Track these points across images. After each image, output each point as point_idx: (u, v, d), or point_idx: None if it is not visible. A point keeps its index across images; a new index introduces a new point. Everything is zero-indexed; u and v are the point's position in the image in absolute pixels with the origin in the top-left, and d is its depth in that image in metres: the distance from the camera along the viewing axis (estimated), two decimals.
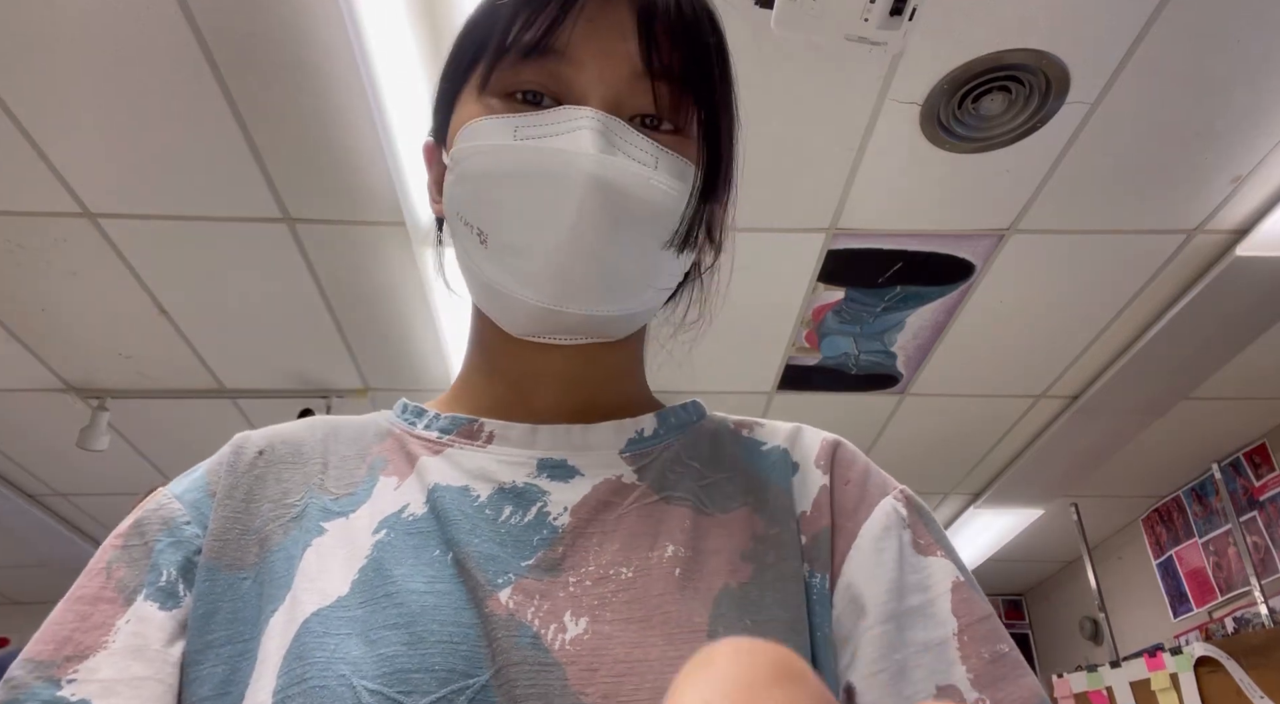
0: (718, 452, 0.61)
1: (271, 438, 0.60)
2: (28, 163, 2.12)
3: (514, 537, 0.52)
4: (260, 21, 1.80)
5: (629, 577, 0.50)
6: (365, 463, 0.58)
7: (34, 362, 2.90)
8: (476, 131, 0.55)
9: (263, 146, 2.12)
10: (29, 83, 1.92)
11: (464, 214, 0.55)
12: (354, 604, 0.48)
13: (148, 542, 0.53)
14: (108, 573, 0.52)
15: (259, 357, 2.98)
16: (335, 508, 0.55)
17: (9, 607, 5.15)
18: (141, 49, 1.85)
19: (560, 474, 0.56)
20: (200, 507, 0.55)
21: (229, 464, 0.57)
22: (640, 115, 0.55)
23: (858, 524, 0.56)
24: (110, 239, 2.40)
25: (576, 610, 0.48)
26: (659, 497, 0.56)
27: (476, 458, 0.57)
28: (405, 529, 0.52)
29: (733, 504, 0.57)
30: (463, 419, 0.59)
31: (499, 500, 0.54)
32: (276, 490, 0.56)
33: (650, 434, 0.60)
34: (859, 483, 0.59)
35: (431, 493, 0.54)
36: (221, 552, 0.53)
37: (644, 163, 0.53)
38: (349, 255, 2.51)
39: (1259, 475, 3.67)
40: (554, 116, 0.53)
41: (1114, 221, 2.41)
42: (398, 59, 1.77)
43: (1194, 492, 4.06)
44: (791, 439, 0.63)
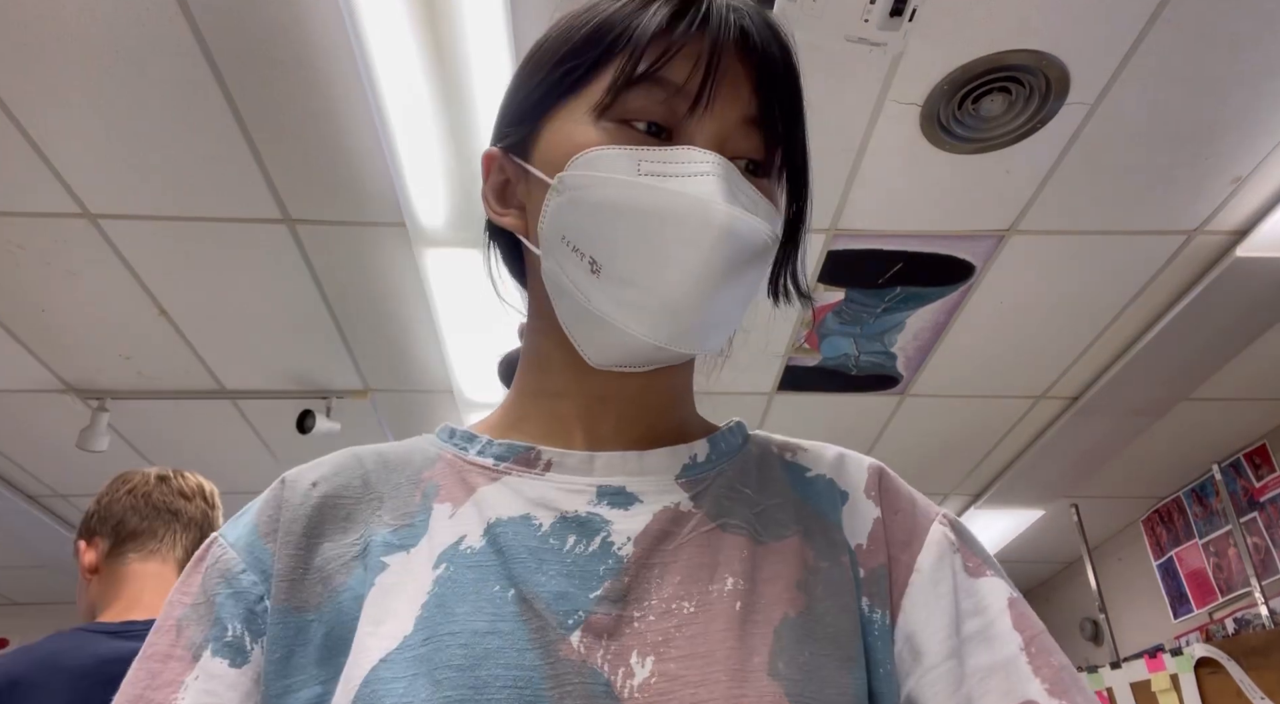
0: (766, 477, 0.62)
1: (322, 472, 0.60)
2: (28, 163, 2.12)
3: (580, 567, 0.52)
4: (260, 22, 1.80)
5: (691, 611, 0.51)
6: (419, 490, 0.58)
7: (34, 362, 2.90)
8: (597, 161, 0.54)
9: (263, 146, 2.12)
10: (29, 83, 1.92)
11: (574, 240, 0.55)
12: (418, 642, 0.48)
13: (210, 597, 0.54)
14: (178, 631, 0.53)
15: (259, 357, 2.98)
16: (395, 541, 0.55)
17: (9, 607, 5.14)
18: (141, 49, 1.85)
19: (619, 501, 0.57)
20: (255, 551, 0.55)
21: (280, 502, 0.57)
22: (743, 159, 0.57)
23: (912, 556, 0.58)
24: (110, 239, 2.40)
25: (642, 649, 0.49)
26: (715, 524, 0.56)
27: (536, 486, 0.57)
28: (464, 563, 0.52)
29: (785, 532, 0.58)
30: (519, 446, 0.59)
31: (563, 529, 0.54)
32: (335, 528, 0.56)
33: (704, 460, 0.61)
34: (909, 512, 0.60)
35: (491, 527, 0.54)
36: (290, 593, 0.53)
37: (752, 211, 0.54)
38: (349, 255, 2.51)
39: (1259, 476, 3.67)
40: (679, 157, 0.54)
41: (1114, 222, 2.41)
42: (398, 59, 1.77)
43: (1194, 492, 4.06)
44: (836, 467, 0.63)
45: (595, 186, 0.54)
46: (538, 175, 0.58)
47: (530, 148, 0.60)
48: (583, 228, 0.55)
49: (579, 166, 0.55)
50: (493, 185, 0.63)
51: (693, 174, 0.53)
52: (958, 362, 3.04)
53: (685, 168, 0.53)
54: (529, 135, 0.60)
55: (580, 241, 0.55)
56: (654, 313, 0.53)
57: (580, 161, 0.55)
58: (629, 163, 0.54)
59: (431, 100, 1.87)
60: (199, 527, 1.49)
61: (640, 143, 0.54)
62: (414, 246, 2.40)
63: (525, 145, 0.60)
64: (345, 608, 0.52)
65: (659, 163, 0.53)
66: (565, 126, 0.57)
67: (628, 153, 0.54)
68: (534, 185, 0.59)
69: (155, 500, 1.47)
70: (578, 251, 0.55)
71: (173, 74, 1.91)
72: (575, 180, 0.55)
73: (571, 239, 0.55)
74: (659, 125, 0.55)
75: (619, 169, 0.54)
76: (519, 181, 0.61)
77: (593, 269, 0.54)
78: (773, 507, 0.60)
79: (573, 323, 0.57)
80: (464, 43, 1.74)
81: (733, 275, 0.53)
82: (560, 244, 0.56)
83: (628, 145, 0.54)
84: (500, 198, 0.63)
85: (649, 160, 0.53)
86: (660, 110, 0.55)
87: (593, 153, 0.54)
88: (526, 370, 0.65)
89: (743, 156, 0.57)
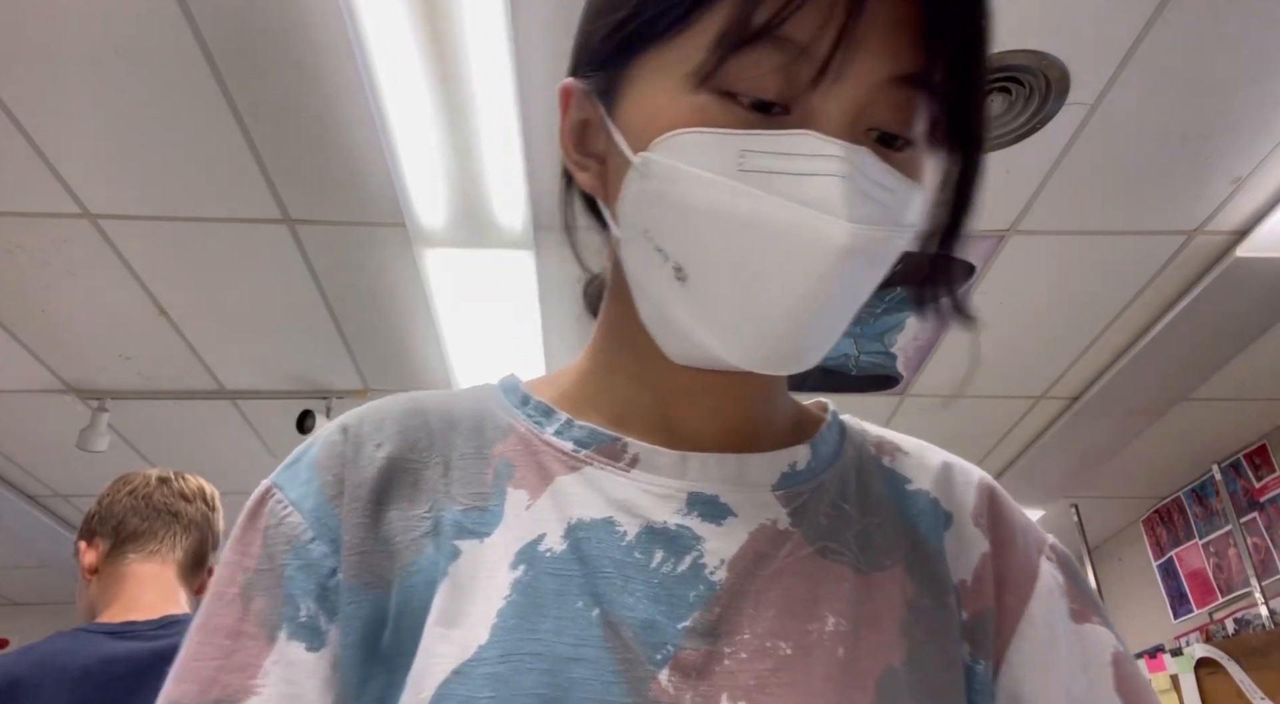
0: (866, 489, 0.55)
1: (383, 425, 0.53)
2: (28, 163, 2.12)
3: (669, 591, 0.47)
4: (260, 22, 1.80)
5: (788, 654, 0.45)
6: (490, 466, 0.51)
7: (34, 362, 2.90)
8: (688, 147, 0.44)
9: (263, 147, 2.12)
10: (29, 83, 1.92)
11: (658, 239, 0.46)
12: (494, 657, 0.43)
13: (276, 565, 0.48)
14: (244, 602, 0.47)
15: (259, 357, 2.98)
16: (468, 524, 0.49)
17: (9, 607, 5.14)
18: (141, 49, 1.85)
19: (711, 513, 0.50)
20: (322, 516, 0.49)
21: (344, 459, 0.51)
22: (879, 130, 0.45)
23: (1021, 601, 0.52)
24: (110, 239, 2.40)
25: (733, 693, 0.44)
26: (814, 548, 0.50)
27: (619, 484, 0.50)
28: (545, 568, 0.47)
29: (886, 561, 0.51)
30: (604, 435, 0.52)
31: (649, 542, 0.48)
32: (402, 495, 0.50)
33: (804, 468, 0.53)
34: (1019, 547, 0.55)
35: (572, 529, 0.48)
36: (361, 568, 0.47)
37: (883, 219, 0.43)
38: (349, 256, 2.51)
39: (1259, 476, 3.67)
40: (794, 146, 0.43)
41: (1114, 222, 2.41)
42: (398, 59, 1.77)
43: (1194, 493, 4.06)
44: (942, 483, 0.56)
45: (685, 181, 0.44)
46: (618, 142, 0.48)
47: (612, 98, 0.49)
48: (668, 227, 0.46)
49: (666, 151, 0.45)
50: (571, 125, 0.52)
51: (809, 172, 0.42)
52: (958, 362, 3.04)
53: (800, 163, 0.42)
54: (610, 84, 0.49)
55: (665, 242, 0.46)
56: (748, 338, 0.45)
57: (667, 144, 0.45)
58: (728, 152, 0.43)
59: (431, 100, 1.87)
60: (199, 528, 1.49)
61: (744, 125, 0.43)
62: (414, 246, 2.40)
63: (607, 92, 0.49)
64: (417, 593, 0.47)
65: (767, 155, 0.43)
66: (652, 90, 0.46)
67: (727, 139, 0.43)
68: (614, 149, 0.49)
69: (156, 502, 1.47)
70: (661, 253, 0.46)
71: (173, 74, 1.91)
72: (661, 168, 0.45)
73: (655, 236, 0.46)
74: (773, 102, 0.44)
75: (715, 161, 0.43)
76: (600, 129, 0.51)
77: (678, 277, 0.46)
78: (873, 527, 0.53)
79: (653, 323, 0.50)
80: (464, 43, 1.74)
81: (849, 296, 0.45)
82: (641, 237, 0.47)
83: (728, 129, 0.43)
84: (579, 141, 0.52)
85: (754, 150, 0.43)
86: (774, 81, 0.43)
87: (683, 136, 0.44)
88: (606, 342, 0.56)
89: (884, 128, 0.45)
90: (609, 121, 0.49)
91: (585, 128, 0.52)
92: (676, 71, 0.45)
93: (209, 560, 1.52)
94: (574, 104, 0.52)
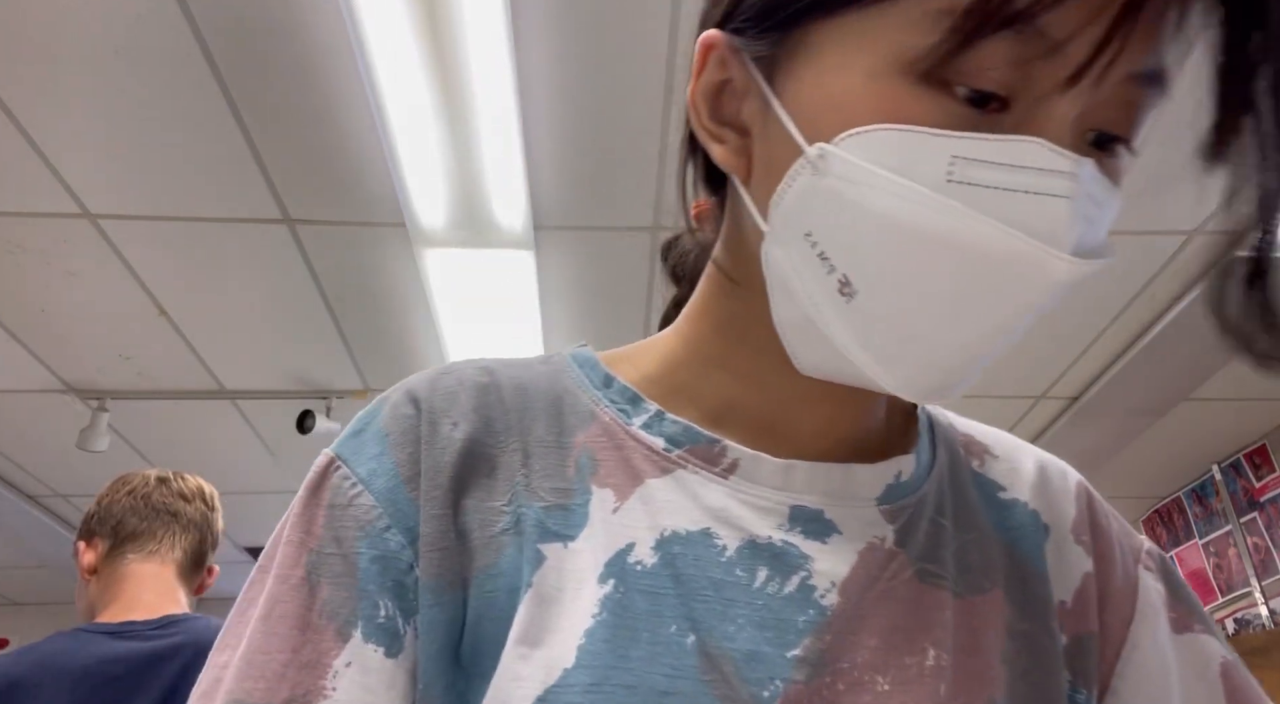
0: (961, 499, 0.50)
1: (457, 400, 0.47)
2: (28, 163, 2.12)
3: (775, 615, 0.42)
4: (260, 22, 1.80)
5: (885, 690, 0.41)
6: (571, 458, 0.46)
7: (34, 362, 2.90)
8: (885, 147, 0.37)
9: (263, 147, 2.12)
10: (29, 83, 1.92)
11: (824, 245, 0.40)
12: (582, 684, 0.39)
13: (347, 552, 0.43)
14: (311, 589, 0.42)
15: (259, 357, 2.98)
16: (551, 525, 0.44)
17: (9, 607, 5.14)
18: (141, 49, 1.85)
19: (816, 530, 0.45)
20: (397, 500, 0.44)
21: (419, 438, 0.45)
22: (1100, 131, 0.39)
23: (1124, 623, 0.49)
24: (110, 239, 2.40)
25: None
26: (915, 570, 0.46)
27: (715, 492, 0.45)
28: (636, 585, 0.42)
29: (985, 582, 0.47)
30: (700, 434, 0.47)
31: (751, 558, 0.44)
32: (479, 483, 0.45)
33: (907, 478, 0.48)
34: (1119, 559, 0.51)
35: (665, 541, 0.43)
36: (442, 567, 0.43)
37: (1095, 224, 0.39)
38: (349, 256, 2.51)
39: (1259, 476, 3.67)
40: (1018, 156, 0.36)
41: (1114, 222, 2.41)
42: (398, 59, 1.77)
43: (1194, 492, 4.06)
44: (1039, 492, 0.52)
45: (876, 188, 0.37)
46: (785, 124, 0.40)
47: (778, 68, 0.41)
48: (842, 235, 0.39)
49: (856, 147, 0.37)
50: (707, 85, 0.45)
51: (1031, 190, 0.36)
52: None
53: (1022, 178, 0.36)
54: (778, 49, 0.41)
55: (833, 251, 0.39)
56: (915, 367, 0.40)
57: (860, 141, 0.37)
58: (936, 158, 0.36)
59: (431, 100, 1.87)
60: (198, 528, 1.50)
61: (957, 123, 0.36)
62: (414, 247, 2.40)
63: (771, 60, 0.42)
64: (498, 601, 0.42)
65: (982, 164, 0.36)
66: (839, 68, 0.39)
67: (937, 141, 0.36)
68: (772, 129, 0.42)
69: (155, 502, 1.47)
70: (825, 261, 0.39)
71: (173, 74, 1.91)
72: (846, 167, 0.38)
73: (820, 241, 0.40)
74: (995, 96, 0.36)
75: (918, 167, 0.36)
76: (748, 95, 0.43)
77: (843, 291, 0.39)
78: (970, 544, 0.48)
79: (792, 330, 0.43)
80: (464, 43, 1.74)
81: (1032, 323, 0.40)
82: (800, 239, 0.40)
83: (939, 129, 0.36)
84: (715, 106, 0.45)
85: (967, 156, 0.36)
86: (1008, 75, 0.36)
87: (882, 132, 0.37)
88: (710, 332, 0.49)
89: (1109, 130, 0.39)
90: (771, 96, 0.41)
91: (725, 91, 0.44)
92: (877, 49, 0.37)
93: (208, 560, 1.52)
94: (713, 61, 0.44)
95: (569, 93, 1.98)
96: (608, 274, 2.62)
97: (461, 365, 0.50)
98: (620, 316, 2.81)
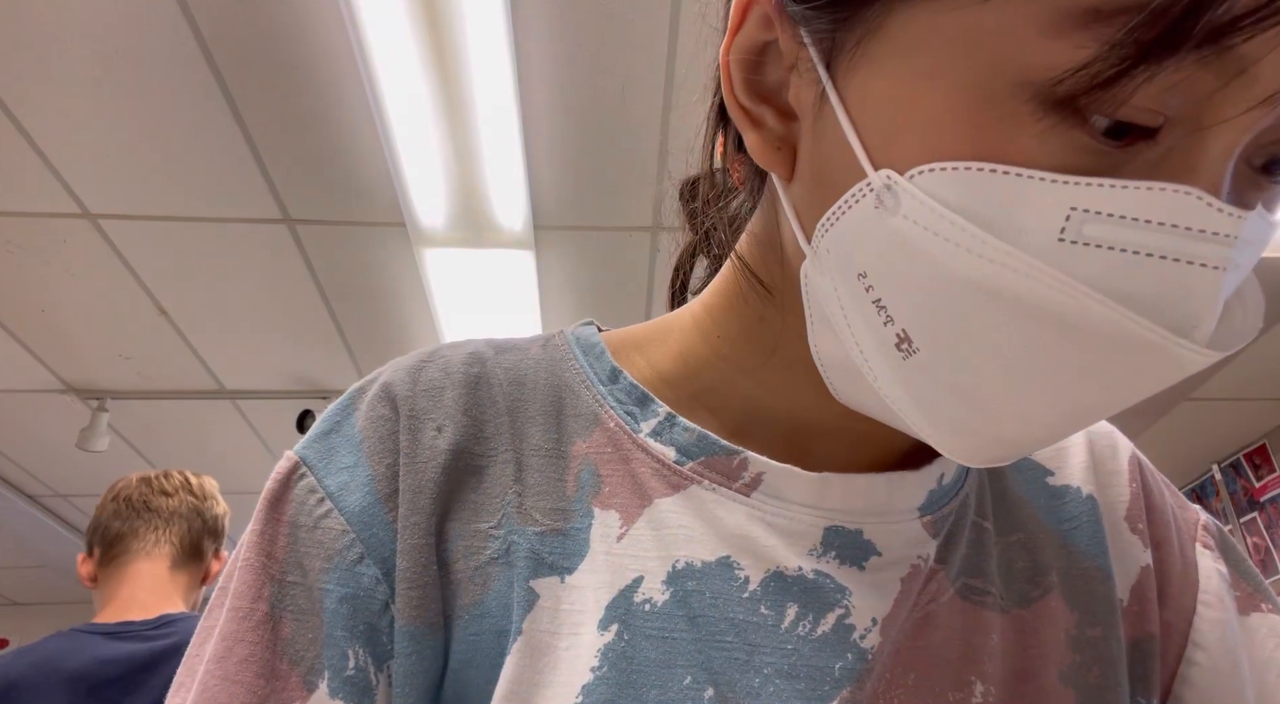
0: (1001, 493, 0.44)
1: (442, 398, 0.40)
2: (28, 163, 2.12)
3: (807, 662, 0.36)
4: (260, 22, 1.80)
5: None
6: (570, 471, 0.40)
7: (34, 362, 2.90)
8: (985, 194, 0.28)
9: (263, 146, 2.11)
10: (29, 83, 1.92)
11: (881, 292, 0.32)
12: None
13: (312, 586, 0.37)
14: (273, 627, 0.36)
15: (259, 357, 2.97)
16: (546, 555, 0.38)
17: (9, 607, 5.14)
18: (141, 49, 1.85)
19: (854, 554, 0.38)
20: (372, 524, 0.37)
21: (397, 444, 0.39)
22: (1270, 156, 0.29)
23: (1186, 617, 0.42)
24: (110, 239, 2.40)
25: None
26: (956, 588, 0.40)
27: (736, 513, 0.39)
28: (644, 630, 0.36)
29: (1034, 590, 0.41)
30: (717, 444, 0.40)
31: (779, 594, 0.37)
32: (464, 501, 0.39)
33: (950, 480, 0.41)
34: (1176, 543, 0.44)
35: (678, 575, 0.37)
36: (422, 606, 0.37)
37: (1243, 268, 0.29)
38: (349, 255, 2.51)
39: (1259, 476, 3.67)
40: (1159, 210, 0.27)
41: None
42: (398, 59, 1.77)
43: (1194, 492, 4.06)
44: (1091, 473, 0.45)
45: (961, 246, 0.28)
46: (844, 128, 0.31)
47: (842, 52, 0.32)
48: (907, 287, 0.31)
49: (940, 187, 0.29)
50: (746, 45, 0.35)
51: (1176, 256, 0.27)
52: None
53: (1164, 240, 0.27)
54: (844, 30, 0.32)
55: (893, 301, 0.31)
56: (976, 439, 0.33)
57: (946, 180, 0.29)
58: (1050, 211, 0.27)
59: (431, 100, 1.87)
60: (184, 519, 1.50)
61: (1083, 164, 0.27)
62: (414, 247, 2.40)
63: (834, 40, 0.32)
64: (484, 645, 0.36)
65: (1110, 221, 0.27)
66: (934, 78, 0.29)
67: (1054, 190, 0.27)
68: (829, 126, 0.33)
69: (135, 501, 1.49)
70: (881, 309, 0.32)
71: (173, 74, 1.91)
72: (921, 212, 0.29)
73: (877, 286, 0.32)
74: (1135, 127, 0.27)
75: (1024, 221, 0.28)
76: (798, 68, 0.34)
77: (899, 347, 0.32)
78: (1015, 547, 0.42)
79: (830, 365, 0.37)
80: (464, 43, 1.74)
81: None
82: (852, 277, 0.33)
83: (1057, 174, 0.27)
84: (753, 75, 0.35)
85: (1092, 209, 0.27)
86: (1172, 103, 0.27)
87: (982, 174, 0.28)
88: (736, 335, 0.41)
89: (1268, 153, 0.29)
90: (831, 90, 0.32)
91: (768, 56, 0.35)
92: (987, 55, 0.28)
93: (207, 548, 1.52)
94: (753, 18, 0.34)
95: (569, 92, 1.98)
96: (608, 274, 2.62)
97: (448, 351, 0.43)
98: (620, 317, 2.80)
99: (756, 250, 0.40)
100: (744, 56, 0.35)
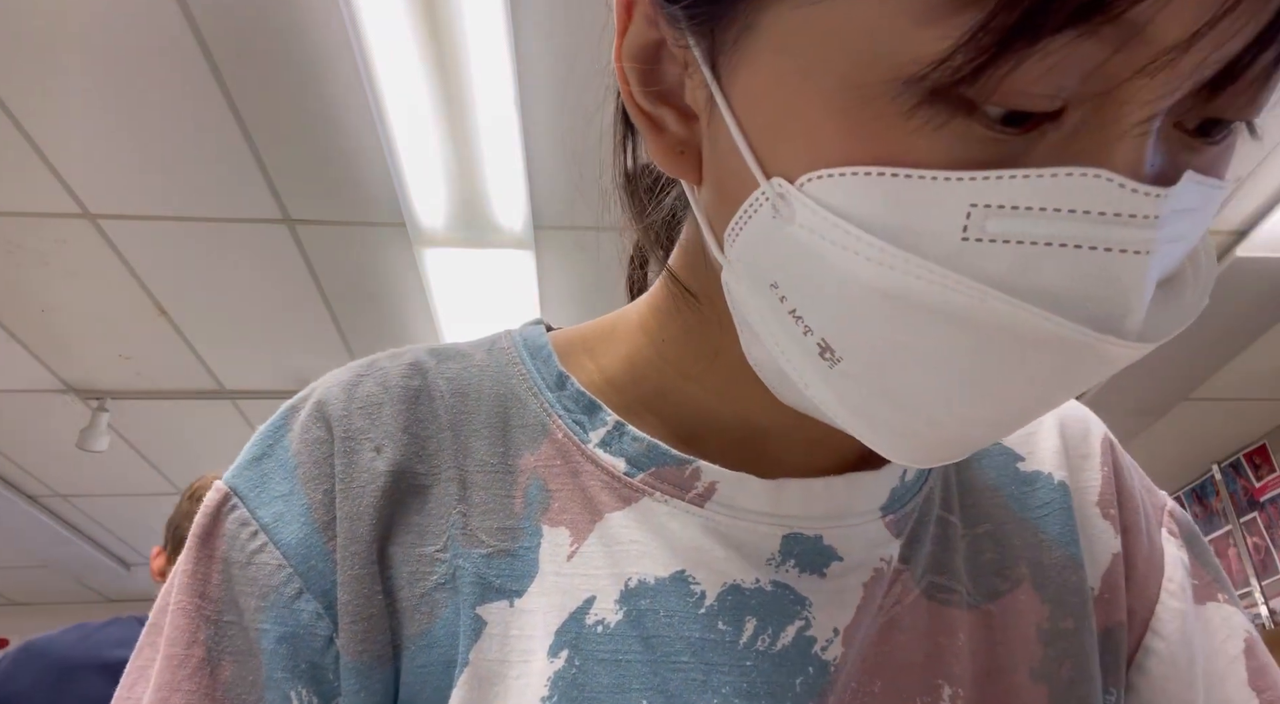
0: (967, 482, 0.42)
1: (380, 415, 0.38)
2: (28, 163, 2.12)
3: (767, 680, 0.35)
4: (260, 22, 1.80)
5: None
6: (518, 487, 0.38)
7: (34, 362, 2.90)
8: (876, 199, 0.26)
9: (263, 147, 2.12)
10: (29, 83, 1.92)
11: (795, 303, 0.30)
12: None
13: (249, 626, 0.35)
14: (212, 671, 0.34)
15: (259, 357, 2.98)
16: (493, 578, 0.36)
17: (9, 607, 5.14)
18: (141, 49, 1.85)
19: (814, 561, 0.37)
20: (310, 556, 0.35)
21: (332, 468, 0.37)
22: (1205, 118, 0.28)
23: (1149, 604, 0.41)
24: (110, 239, 2.40)
25: None
26: (921, 587, 0.39)
27: (689, 526, 0.37)
28: (596, 654, 0.35)
29: (1003, 583, 0.40)
30: (668, 454, 0.38)
31: (736, 609, 0.36)
32: (406, 524, 0.37)
33: (912, 477, 0.40)
34: (1144, 528, 0.43)
35: (630, 593, 0.36)
36: (368, 639, 0.35)
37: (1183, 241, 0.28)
38: (349, 255, 2.51)
39: (1259, 476, 3.67)
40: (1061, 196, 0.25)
41: None
42: (398, 59, 1.77)
43: (1194, 492, 4.06)
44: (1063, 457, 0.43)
45: (860, 254, 0.27)
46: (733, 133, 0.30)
47: (723, 52, 0.30)
48: (816, 297, 0.29)
49: (830, 195, 0.27)
50: (637, 46, 0.33)
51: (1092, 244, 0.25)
52: None
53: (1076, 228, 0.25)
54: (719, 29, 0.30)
55: (807, 312, 0.30)
56: (914, 441, 0.31)
57: (835, 186, 0.27)
58: (949, 211, 0.26)
59: (431, 100, 1.87)
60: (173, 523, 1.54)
61: (980, 157, 0.25)
62: (414, 246, 2.40)
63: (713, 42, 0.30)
64: (432, 676, 0.35)
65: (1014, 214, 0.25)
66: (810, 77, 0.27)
67: (951, 188, 0.25)
68: (721, 131, 0.31)
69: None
70: (798, 319, 0.30)
71: (173, 74, 1.91)
72: (815, 220, 0.28)
73: (790, 297, 0.30)
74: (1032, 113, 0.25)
75: (922, 224, 0.26)
76: (688, 68, 0.33)
77: (823, 356, 0.30)
78: (983, 538, 0.41)
79: (764, 369, 0.35)
80: (464, 43, 1.74)
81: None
82: (765, 289, 0.31)
83: (953, 171, 0.25)
84: (649, 76, 0.33)
85: (994, 204, 0.25)
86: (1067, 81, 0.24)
87: (868, 179, 0.26)
88: (678, 339, 0.39)
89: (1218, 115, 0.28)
90: (716, 90, 0.30)
91: (661, 56, 0.33)
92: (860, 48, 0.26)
93: None
94: (637, 17, 0.32)
95: (569, 92, 1.98)
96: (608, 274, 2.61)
97: (387, 363, 0.41)
98: None
99: (684, 258, 0.39)
100: (637, 57, 0.33)
